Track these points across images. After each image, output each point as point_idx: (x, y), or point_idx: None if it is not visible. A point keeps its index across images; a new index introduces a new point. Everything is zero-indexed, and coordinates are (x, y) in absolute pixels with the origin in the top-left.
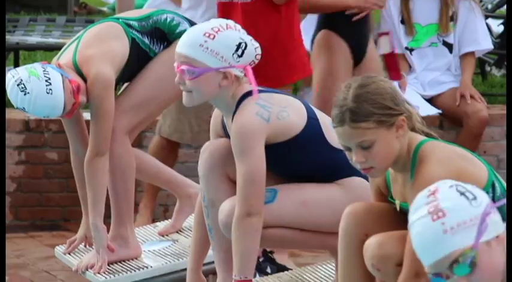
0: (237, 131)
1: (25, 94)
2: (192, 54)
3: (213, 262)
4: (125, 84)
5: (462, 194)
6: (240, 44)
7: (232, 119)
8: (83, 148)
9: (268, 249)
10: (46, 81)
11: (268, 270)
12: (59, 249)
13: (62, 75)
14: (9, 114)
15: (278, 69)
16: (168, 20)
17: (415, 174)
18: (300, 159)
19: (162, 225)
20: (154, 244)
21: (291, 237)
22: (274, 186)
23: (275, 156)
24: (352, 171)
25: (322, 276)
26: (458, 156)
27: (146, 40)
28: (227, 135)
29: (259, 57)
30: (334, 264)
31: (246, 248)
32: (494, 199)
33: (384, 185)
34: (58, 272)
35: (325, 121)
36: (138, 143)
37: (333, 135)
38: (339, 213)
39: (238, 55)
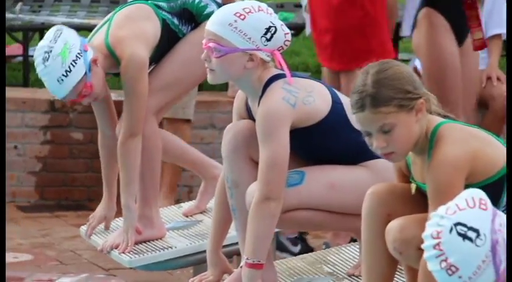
0: (263, 116)
1: (43, 63)
2: (220, 33)
3: (237, 243)
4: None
5: (465, 237)
6: (269, 27)
7: (259, 103)
8: (111, 129)
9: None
10: (65, 71)
11: (298, 248)
12: (84, 229)
13: (85, 74)
14: (35, 94)
15: (356, 51)
16: (196, 1)
17: (432, 155)
18: (325, 143)
19: (186, 206)
20: (178, 224)
21: (319, 219)
22: (301, 169)
23: (300, 141)
24: (376, 154)
25: (347, 258)
26: (474, 137)
27: (176, 21)
28: (251, 117)
29: (288, 43)
30: (358, 246)
31: (261, 232)
32: None
33: (405, 167)
34: (83, 251)
35: (349, 105)
36: None
37: None
38: (364, 195)
39: (266, 39)
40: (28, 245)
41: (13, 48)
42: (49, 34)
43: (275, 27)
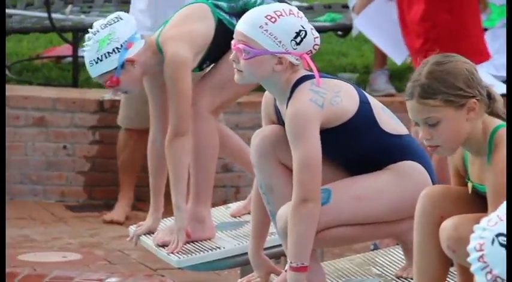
0: (292, 118)
1: (87, 41)
2: (250, 34)
3: (280, 245)
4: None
5: (505, 246)
6: (300, 31)
7: (287, 105)
8: (162, 137)
9: None
10: (97, 58)
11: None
12: (133, 229)
13: (115, 68)
14: (84, 94)
15: None
16: (258, 2)
17: (492, 158)
18: (351, 143)
19: (234, 206)
20: (226, 225)
21: (353, 234)
22: (326, 186)
23: (328, 141)
24: (404, 156)
25: (395, 260)
26: None
27: (234, 21)
28: (280, 120)
29: (317, 47)
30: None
31: (302, 234)
32: None
33: (462, 167)
34: (132, 251)
35: (376, 105)
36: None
37: (384, 119)
38: (394, 200)
39: (296, 42)
40: (77, 245)
41: (63, 49)
42: (109, 16)
43: (305, 31)
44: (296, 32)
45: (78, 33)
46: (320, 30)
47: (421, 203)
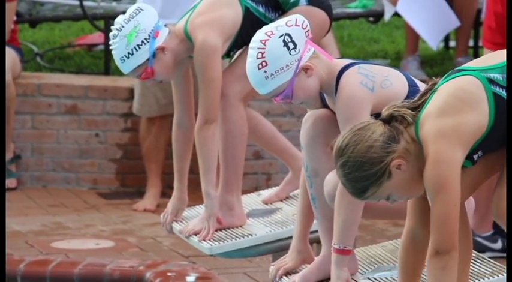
0: (343, 102)
1: (112, 39)
2: (270, 89)
3: (316, 231)
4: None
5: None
6: (284, 40)
7: (336, 93)
8: (188, 121)
9: None
10: (128, 53)
11: (499, 244)
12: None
13: (147, 59)
14: (116, 82)
15: None
16: None
17: None
18: None
19: (266, 193)
20: (258, 212)
21: (397, 206)
22: None
23: None
24: None
25: None
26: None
27: (261, 9)
28: (325, 106)
29: (306, 24)
30: None
31: (348, 218)
32: None
33: None
34: (164, 238)
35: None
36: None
37: None
38: None
39: (293, 49)
40: (109, 232)
41: (94, 37)
42: (129, 11)
43: (285, 33)
44: (283, 45)
45: (110, 20)
46: (351, 16)
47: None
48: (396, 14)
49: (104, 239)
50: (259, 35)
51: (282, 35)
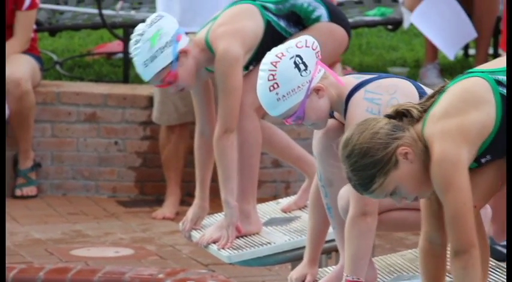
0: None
1: (135, 45)
2: (282, 111)
3: (333, 240)
4: None
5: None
6: (295, 62)
7: (345, 116)
8: (210, 129)
9: None
10: (151, 56)
11: None
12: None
13: (171, 62)
14: (135, 90)
15: None
16: (305, 5)
17: None
18: None
19: (284, 202)
20: (276, 220)
21: (413, 218)
22: None
23: None
24: None
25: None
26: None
27: (282, 23)
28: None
29: (316, 45)
30: None
31: (359, 249)
32: None
33: None
34: (183, 246)
35: None
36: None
37: None
38: None
39: (304, 70)
40: (129, 240)
41: (113, 45)
42: (149, 18)
43: (295, 55)
44: (294, 66)
45: (129, 29)
46: (370, 24)
47: None
48: None
49: (123, 247)
50: (270, 57)
51: (293, 57)
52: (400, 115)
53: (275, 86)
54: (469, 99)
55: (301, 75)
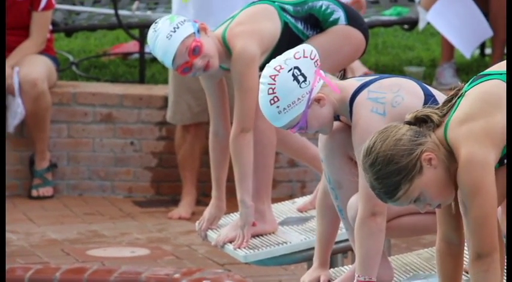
0: (359, 136)
1: (153, 30)
2: (284, 123)
3: (347, 240)
4: None
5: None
6: (293, 74)
7: (351, 118)
8: (224, 129)
9: None
10: (174, 28)
11: None
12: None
13: (193, 32)
14: (151, 90)
15: None
16: (323, 7)
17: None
18: None
19: (300, 201)
20: (292, 220)
21: (423, 222)
22: None
23: None
24: None
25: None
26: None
27: (299, 25)
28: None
29: (315, 54)
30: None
31: (370, 249)
32: None
33: None
34: (199, 246)
35: (441, 98)
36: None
37: None
38: None
39: (303, 81)
40: (145, 240)
41: (129, 46)
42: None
43: (293, 66)
44: (293, 79)
45: (145, 29)
46: (386, 24)
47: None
48: None
49: (140, 247)
50: (268, 70)
51: (291, 69)
52: (420, 121)
53: (275, 99)
54: (491, 101)
55: (300, 87)
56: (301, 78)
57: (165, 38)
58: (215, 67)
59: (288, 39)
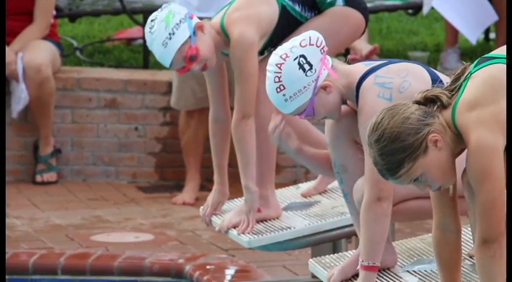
0: (366, 121)
1: (150, 31)
2: (291, 110)
3: (351, 225)
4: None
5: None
6: (299, 62)
7: (357, 103)
8: (224, 114)
9: None
10: (169, 34)
11: None
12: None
13: (189, 37)
14: (155, 76)
15: None
16: None
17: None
18: None
19: (304, 186)
20: (296, 205)
21: (429, 206)
22: None
23: None
24: None
25: (467, 239)
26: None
27: (297, 7)
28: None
29: (321, 41)
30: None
31: (375, 234)
32: None
33: None
34: (203, 231)
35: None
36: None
37: None
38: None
39: (309, 70)
40: (149, 225)
41: (133, 31)
42: (159, 9)
43: (299, 55)
44: (299, 67)
45: (149, 14)
46: (390, 8)
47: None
48: None
49: (144, 232)
50: (275, 58)
51: (297, 58)
52: (429, 101)
53: (281, 87)
54: (498, 86)
55: (306, 75)
56: (307, 67)
57: (160, 45)
58: (213, 67)
59: (286, 22)
